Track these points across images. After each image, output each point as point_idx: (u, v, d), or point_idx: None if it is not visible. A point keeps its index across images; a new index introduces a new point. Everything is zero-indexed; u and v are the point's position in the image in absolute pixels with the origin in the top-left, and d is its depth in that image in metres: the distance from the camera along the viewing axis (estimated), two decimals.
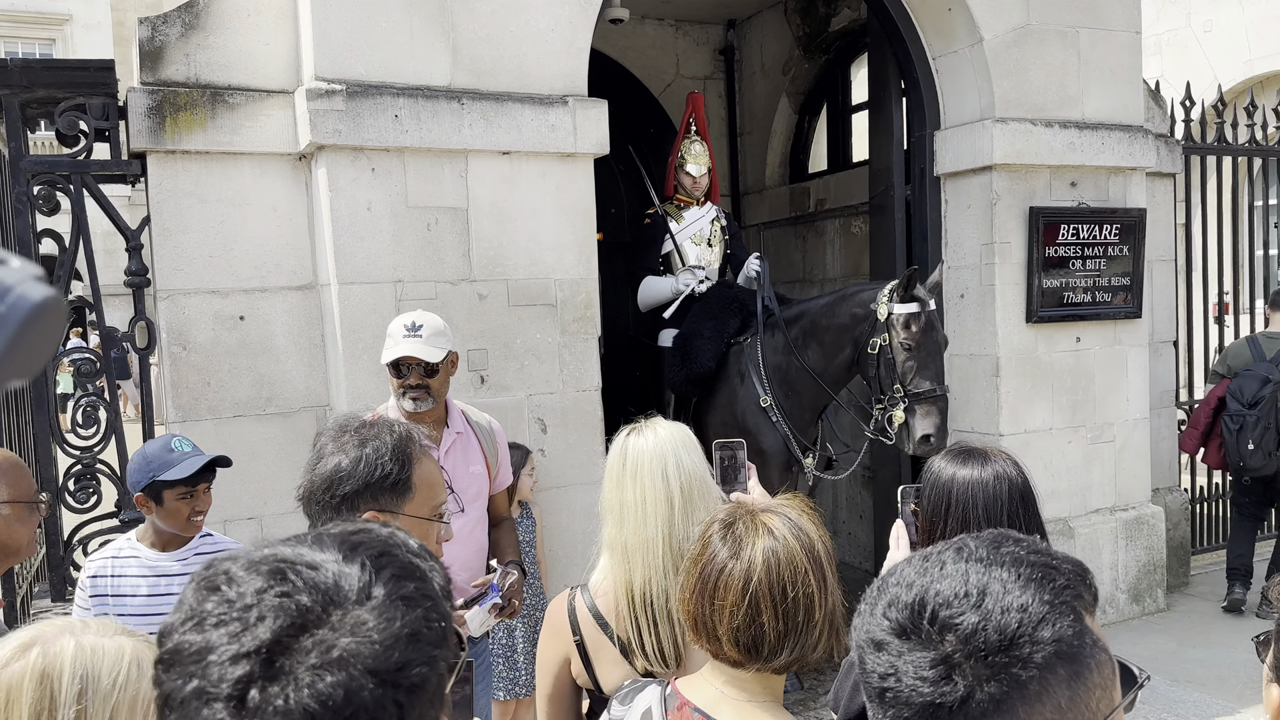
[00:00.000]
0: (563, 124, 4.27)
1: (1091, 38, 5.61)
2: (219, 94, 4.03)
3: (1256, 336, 5.86)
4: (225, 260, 4.10)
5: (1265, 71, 10.58)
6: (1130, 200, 5.77)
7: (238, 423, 4.14)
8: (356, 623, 0.74)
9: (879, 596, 0.89)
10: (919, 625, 0.83)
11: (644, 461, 2.12)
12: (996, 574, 0.84)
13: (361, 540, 0.82)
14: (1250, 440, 5.44)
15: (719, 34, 8.20)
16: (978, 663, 0.81)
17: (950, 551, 0.88)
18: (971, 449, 2.03)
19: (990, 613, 0.82)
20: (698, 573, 1.54)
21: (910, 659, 0.82)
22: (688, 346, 5.19)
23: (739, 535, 1.55)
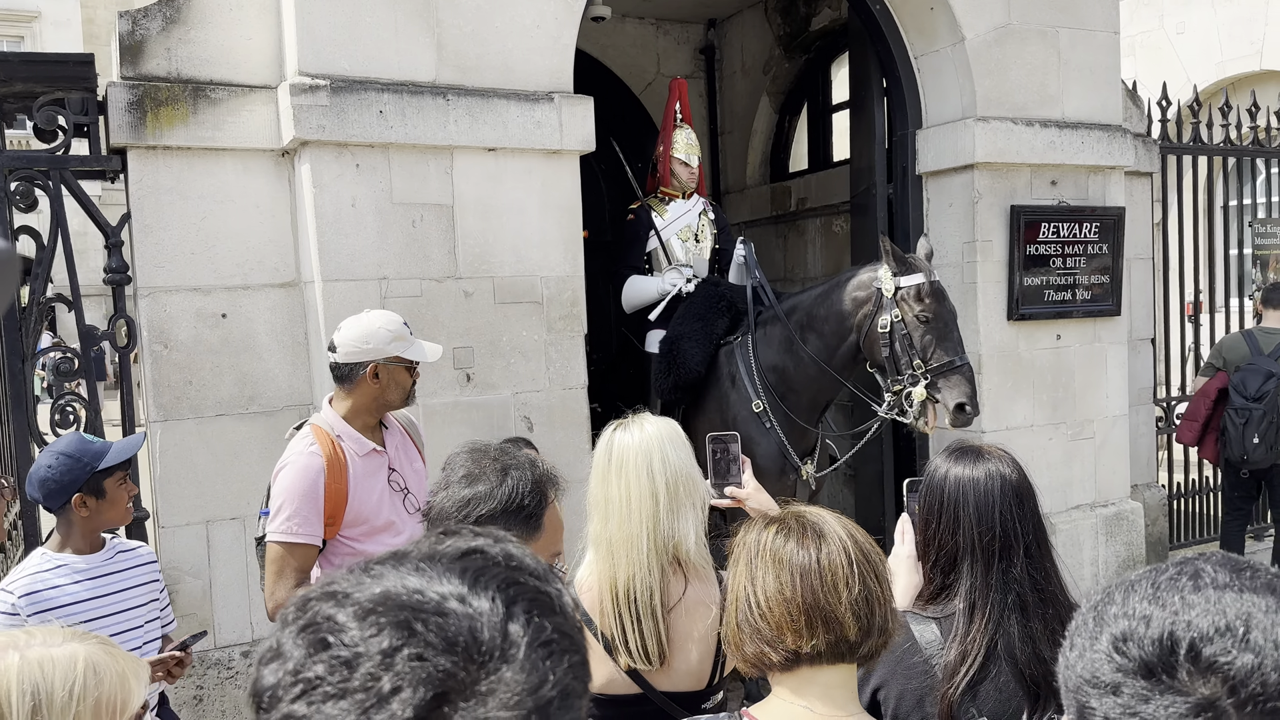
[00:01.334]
0: (549, 120, 4.25)
1: (1071, 37, 5.66)
2: (201, 89, 3.99)
3: (1253, 331, 5.92)
4: (207, 257, 4.05)
5: (1237, 73, 10.72)
6: (1109, 199, 5.83)
7: (220, 422, 4.09)
8: (508, 685, 0.63)
9: (1099, 629, 0.76)
10: (1173, 665, 0.70)
11: (629, 457, 2.12)
12: (1256, 601, 0.72)
13: (483, 566, 0.69)
14: (1255, 434, 5.49)
15: (700, 33, 8.21)
16: (1254, 710, 0.68)
17: (1186, 578, 0.75)
18: (968, 447, 2.04)
19: (1263, 649, 0.69)
20: (790, 569, 1.48)
21: (1161, 703, 0.69)
22: (674, 350, 4.92)
23: (803, 526, 1.53)
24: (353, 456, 2.90)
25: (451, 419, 4.20)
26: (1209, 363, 6.05)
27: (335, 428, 2.92)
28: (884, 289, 4.25)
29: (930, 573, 1.96)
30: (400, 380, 2.98)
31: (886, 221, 5.86)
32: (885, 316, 4.24)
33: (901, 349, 4.20)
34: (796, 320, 4.68)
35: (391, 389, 2.97)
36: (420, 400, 4.14)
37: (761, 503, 2.41)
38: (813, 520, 1.54)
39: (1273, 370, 5.52)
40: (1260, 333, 5.83)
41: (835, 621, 1.44)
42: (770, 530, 1.54)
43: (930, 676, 1.85)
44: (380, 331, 2.92)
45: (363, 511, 2.87)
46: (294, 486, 2.76)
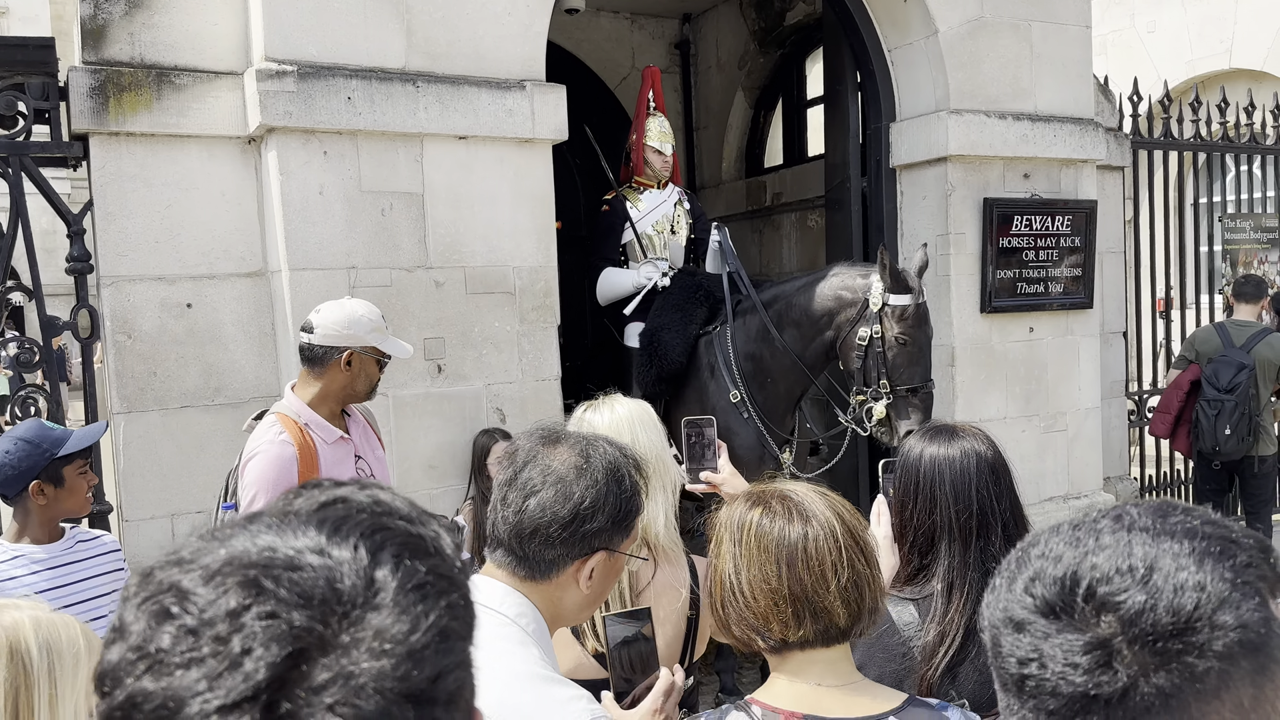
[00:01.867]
0: (520, 109, 4.21)
1: (1043, 31, 5.68)
2: (165, 74, 3.91)
3: (1225, 324, 5.95)
4: (172, 246, 3.98)
5: (1207, 71, 10.83)
6: (1081, 192, 5.85)
7: (185, 413, 4.02)
8: (376, 634, 0.58)
9: (1018, 570, 0.77)
10: (1071, 603, 0.72)
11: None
12: (1167, 546, 0.72)
13: (344, 515, 0.64)
14: (1227, 425, 5.52)
15: (675, 28, 8.19)
16: (1144, 649, 0.69)
17: (1108, 520, 0.77)
18: (943, 426, 2.02)
19: (1160, 591, 0.69)
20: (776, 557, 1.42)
21: (1059, 642, 0.71)
22: (655, 343, 4.86)
23: (788, 508, 1.47)
24: (321, 444, 2.86)
25: (422, 410, 4.15)
26: (1181, 355, 6.09)
27: (302, 415, 2.88)
28: (872, 301, 4.19)
29: (908, 554, 1.94)
30: (370, 372, 2.96)
31: (861, 215, 5.86)
32: (865, 329, 4.20)
33: (873, 364, 4.19)
34: (776, 310, 4.63)
35: (360, 379, 2.94)
36: (390, 391, 4.10)
37: (737, 487, 2.38)
38: (798, 500, 1.49)
39: (1244, 362, 5.56)
40: (1232, 325, 5.87)
41: (824, 610, 1.40)
42: (755, 511, 1.49)
43: (909, 658, 1.83)
44: (363, 320, 2.89)
45: None
46: (266, 475, 2.71)
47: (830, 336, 4.39)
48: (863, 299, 4.23)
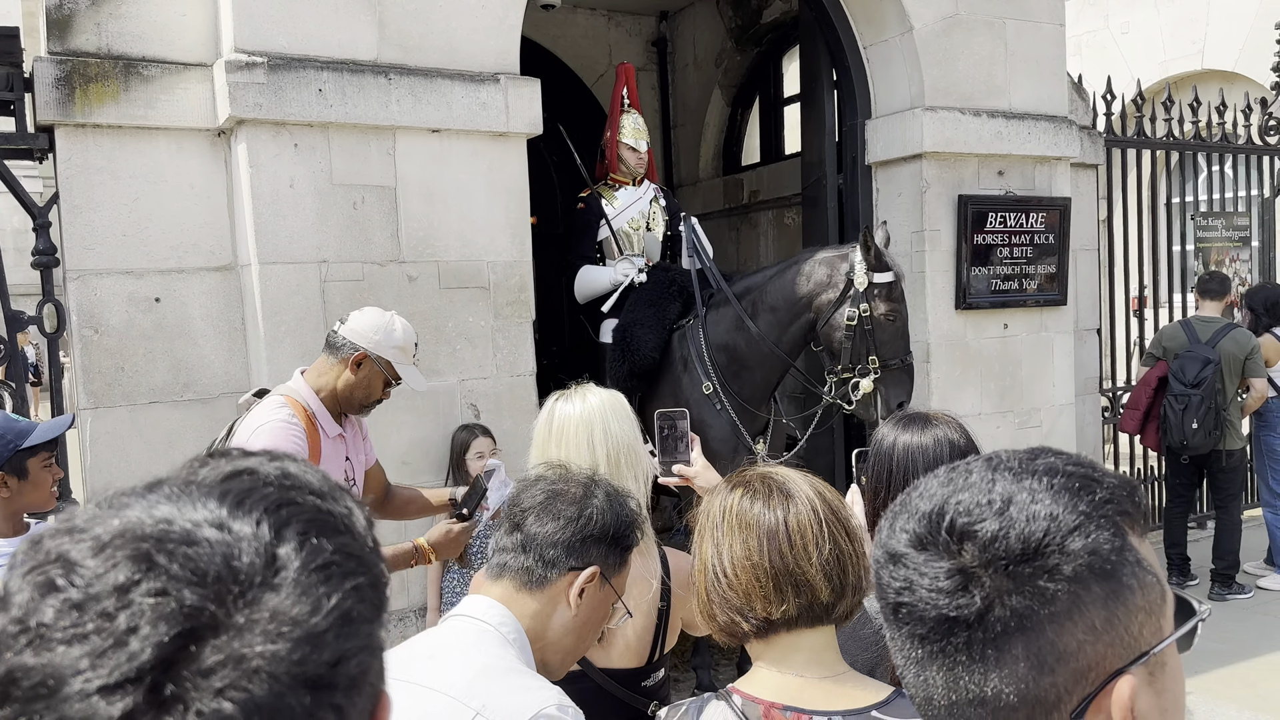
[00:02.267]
0: (494, 102, 4.18)
1: (1018, 29, 5.70)
2: (132, 65, 3.86)
3: (1190, 320, 6.02)
4: (139, 240, 3.92)
5: (1180, 72, 10.93)
6: (1055, 189, 5.88)
7: (154, 409, 3.97)
8: (272, 615, 0.56)
9: (900, 511, 0.82)
10: (936, 535, 0.77)
11: (569, 428, 2.07)
12: (1027, 483, 0.77)
13: (250, 487, 0.61)
14: (1194, 419, 5.57)
15: (651, 25, 8.18)
16: (997, 573, 0.73)
17: (980, 463, 0.81)
18: (916, 414, 2.01)
19: (1014, 520, 0.75)
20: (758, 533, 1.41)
21: (926, 570, 0.76)
22: (627, 338, 4.86)
23: (769, 487, 1.46)
24: (323, 436, 2.82)
25: (395, 406, 4.10)
26: (1149, 352, 6.15)
27: (310, 403, 2.81)
28: (857, 281, 4.23)
29: None
30: (373, 386, 2.88)
31: (837, 212, 5.87)
32: (852, 309, 4.23)
33: (861, 342, 4.24)
34: (749, 299, 4.63)
35: (360, 388, 2.86)
36: None
37: (710, 481, 2.36)
38: (779, 480, 1.47)
39: (1210, 357, 5.61)
40: (1197, 322, 5.93)
41: (806, 585, 1.38)
42: (736, 493, 1.48)
43: (880, 648, 1.81)
44: (393, 333, 2.85)
45: None
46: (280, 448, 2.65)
47: (810, 319, 4.41)
48: (846, 279, 4.27)
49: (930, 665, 0.76)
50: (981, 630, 0.73)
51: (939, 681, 0.76)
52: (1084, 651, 0.73)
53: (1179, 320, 6.27)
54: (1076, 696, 0.73)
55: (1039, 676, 0.73)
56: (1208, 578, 5.89)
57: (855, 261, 4.26)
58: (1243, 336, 5.79)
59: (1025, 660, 0.73)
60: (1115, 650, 0.73)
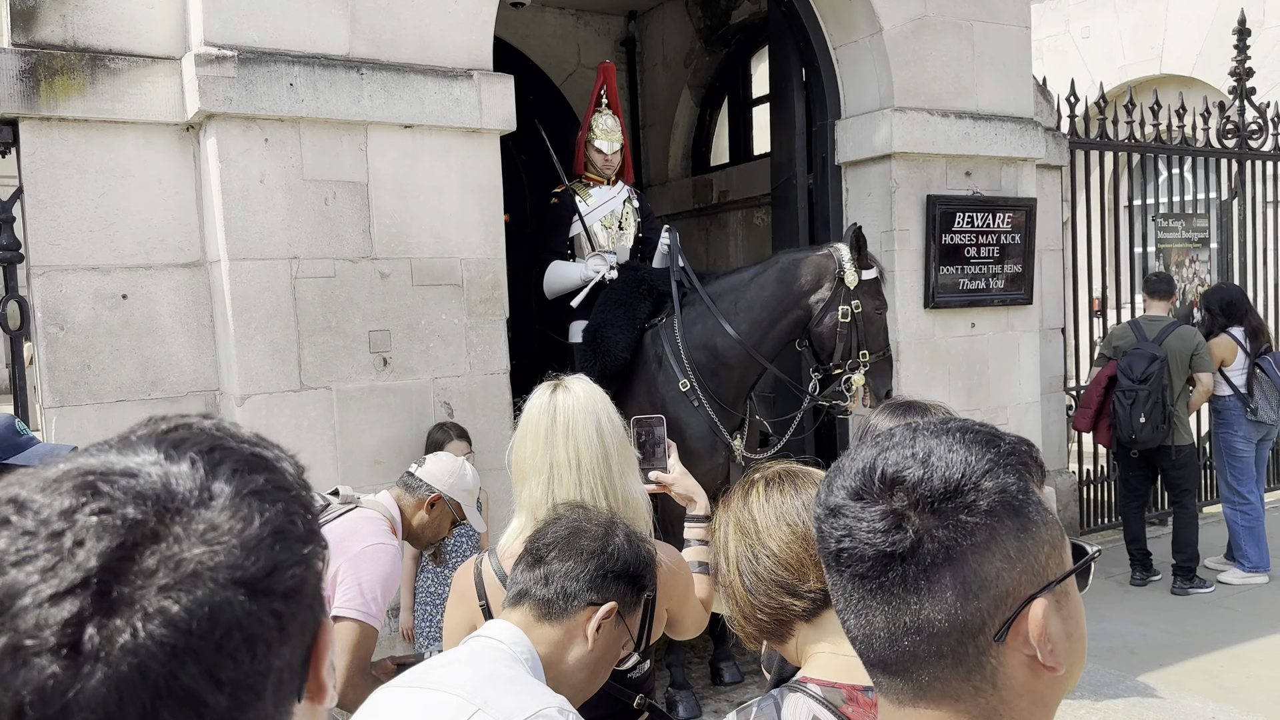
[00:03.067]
0: (467, 98, 4.16)
1: (985, 31, 5.77)
2: (99, 58, 3.80)
3: (1138, 320, 6.14)
4: (106, 235, 3.86)
5: (1138, 76, 11.10)
6: (1021, 190, 5.96)
7: (120, 408, 3.90)
8: (207, 527, 0.61)
9: (835, 473, 0.92)
10: (871, 486, 0.87)
11: (577, 418, 2.01)
12: (943, 439, 0.87)
13: (184, 436, 0.66)
14: (1141, 414, 5.69)
15: (620, 25, 8.18)
16: (924, 510, 0.84)
17: (901, 429, 0.92)
18: (911, 402, 2.01)
19: (935, 466, 0.85)
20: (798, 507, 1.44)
21: (863, 516, 0.86)
22: (598, 338, 4.78)
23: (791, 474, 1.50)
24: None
25: (368, 404, 4.08)
26: (1101, 352, 6.28)
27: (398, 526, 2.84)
28: (848, 279, 4.35)
29: None
30: (442, 525, 2.95)
31: (807, 212, 5.90)
32: (845, 307, 4.36)
33: (854, 339, 4.39)
34: (730, 300, 4.63)
35: (431, 527, 2.93)
36: (335, 385, 4.03)
37: (687, 487, 2.35)
38: (797, 470, 1.52)
39: (1156, 354, 5.73)
40: (1145, 321, 6.06)
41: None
42: (759, 488, 1.50)
43: None
44: (466, 478, 2.95)
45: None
46: (389, 579, 2.63)
47: (798, 317, 4.48)
48: (836, 278, 4.38)
49: (871, 601, 0.86)
50: (915, 563, 0.83)
51: (879, 617, 0.86)
52: (1002, 579, 0.83)
53: (1128, 320, 6.40)
54: (998, 620, 0.83)
55: (965, 603, 0.83)
56: (1169, 573, 5.99)
57: (844, 260, 4.37)
58: (1188, 333, 5.93)
59: (953, 588, 0.83)
60: (1028, 578, 0.84)
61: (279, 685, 0.63)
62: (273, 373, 3.89)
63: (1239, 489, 6.07)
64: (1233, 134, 7.82)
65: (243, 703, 0.60)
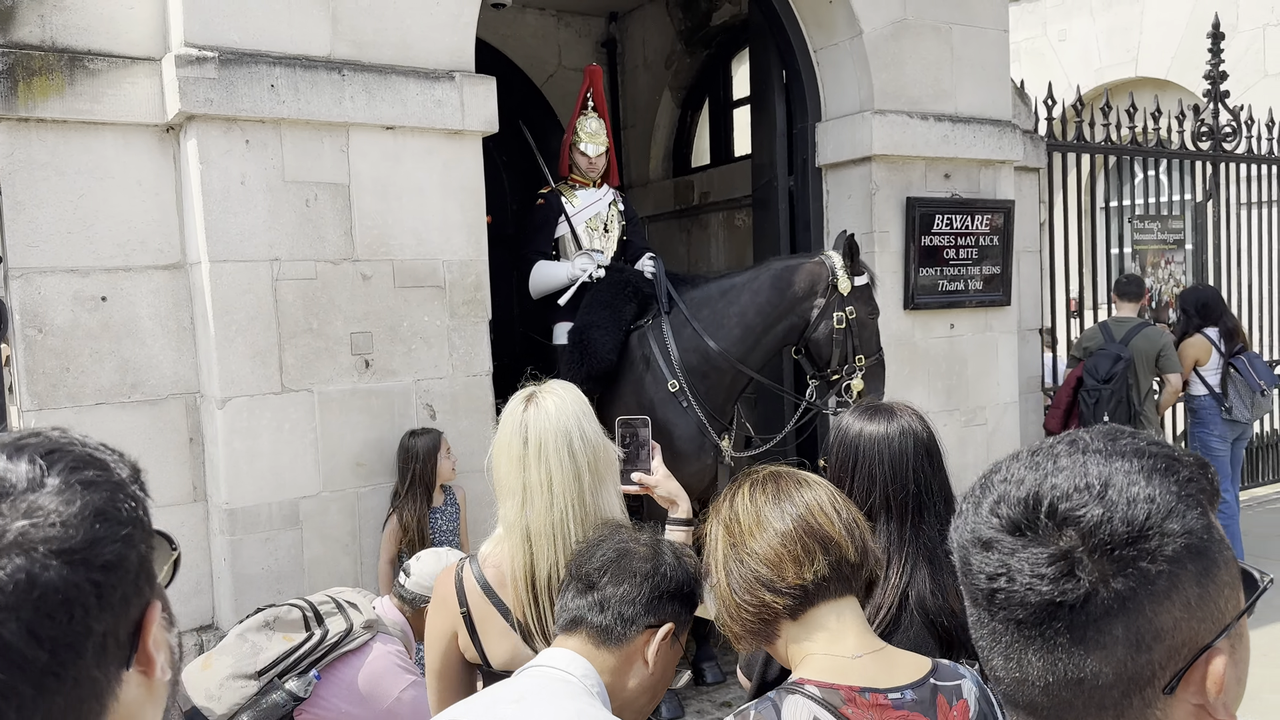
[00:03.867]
0: (450, 99, 4.16)
1: (964, 34, 5.82)
2: (78, 59, 3.77)
3: (1107, 321, 6.22)
4: (85, 237, 3.84)
5: (1114, 79, 11.21)
6: (1000, 192, 6.01)
7: (100, 411, 3.88)
8: (31, 508, 0.68)
9: (984, 495, 0.83)
10: (1035, 521, 0.78)
11: (548, 441, 1.97)
12: (1119, 465, 0.78)
13: (27, 441, 0.74)
14: (1105, 413, 5.76)
15: (601, 26, 8.19)
16: (1102, 557, 0.75)
17: (1063, 445, 0.83)
18: (879, 406, 2.04)
19: (1115, 504, 0.76)
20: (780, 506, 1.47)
21: (1025, 556, 0.77)
22: (584, 340, 4.76)
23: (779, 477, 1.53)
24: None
25: (349, 406, 4.07)
26: (1072, 354, 6.36)
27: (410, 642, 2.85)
28: (841, 286, 4.41)
29: None
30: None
31: (788, 214, 5.93)
32: (839, 314, 4.41)
33: (849, 344, 4.45)
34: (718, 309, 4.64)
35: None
36: (316, 387, 4.02)
37: (670, 490, 2.34)
38: (783, 472, 1.54)
39: (1121, 354, 5.81)
40: (1114, 322, 6.14)
41: (833, 543, 1.43)
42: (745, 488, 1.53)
43: None
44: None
45: None
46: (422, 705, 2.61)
47: (792, 325, 4.52)
48: (829, 285, 4.43)
49: (1027, 649, 0.78)
50: (1084, 614, 0.75)
51: (1035, 664, 0.78)
52: (1179, 629, 0.75)
53: (1098, 322, 6.48)
54: (1169, 671, 0.75)
55: (1136, 655, 0.75)
56: None
57: (836, 267, 4.43)
58: (1154, 333, 6.01)
59: (1124, 641, 0.75)
60: (1205, 625, 0.76)
61: (101, 650, 0.70)
62: (254, 375, 3.87)
63: None
64: (1207, 137, 7.91)
65: (63, 660, 0.67)
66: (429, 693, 2.11)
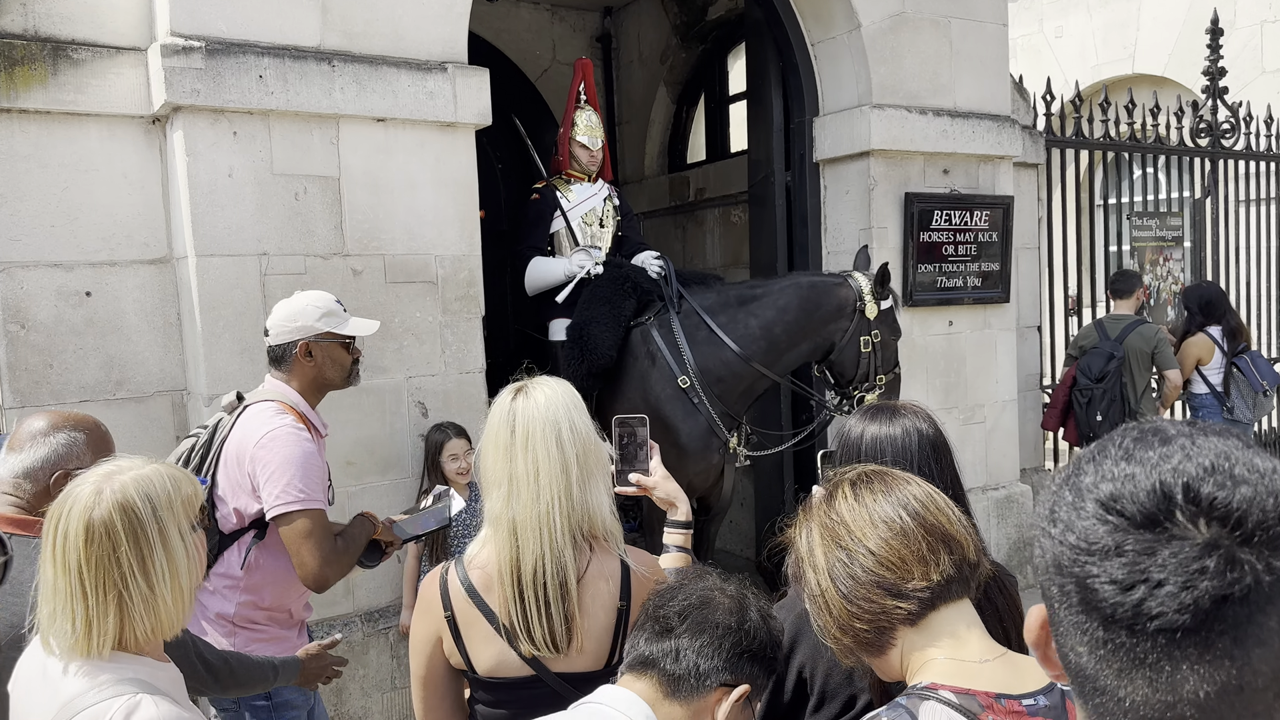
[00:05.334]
0: (442, 91, 4.09)
1: (962, 28, 5.76)
2: (61, 48, 3.69)
3: (1102, 319, 6.18)
4: (69, 231, 3.75)
5: (1111, 76, 11.17)
6: (999, 188, 5.95)
7: (85, 408, 3.76)
8: None
9: (1080, 499, 0.74)
10: (1171, 511, 0.69)
11: (535, 430, 1.94)
12: (1222, 442, 0.72)
13: None
14: (1099, 412, 5.72)
15: (596, 20, 8.11)
16: (1261, 540, 0.67)
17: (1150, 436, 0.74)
18: (883, 405, 1.98)
19: (1253, 480, 0.68)
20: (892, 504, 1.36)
21: (1168, 553, 0.68)
22: (584, 336, 4.68)
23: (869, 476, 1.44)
24: (317, 436, 2.82)
25: (339, 404, 3.98)
26: (1069, 352, 6.31)
27: (300, 405, 2.80)
28: (867, 311, 4.47)
29: None
30: (337, 357, 2.87)
31: (785, 210, 5.86)
32: (865, 337, 4.48)
33: (873, 365, 4.52)
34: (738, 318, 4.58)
35: (329, 367, 2.85)
36: None
37: (669, 491, 2.28)
38: (885, 471, 1.45)
39: (1114, 352, 5.77)
40: (1109, 320, 6.10)
41: (955, 540, 1.35)
42: (844, 491, 1.41)
43: None
44: (307, 308, 2.82)
45: (325, 491, 2.77)
46: (303, 463, 2.62)
47: (819, 344, 4.53)
48: (855, 309, 4.47)
49: (1182, 663, 0.68)
50: (1248, 607, 0.67)
51: (1191, 679, 0.68)
52: None
53: (1094, 320, 6.43)
54: None
55: None
56: None
57: (864, 291, 4.47)
58: (1149, 330, 5.96)
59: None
60: None
61: None
62: (241, 372, 3.79)
63: None
64: (1206, 133, 7.86)
65: None
66: (415, 701, 2.04)
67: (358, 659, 4.02)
